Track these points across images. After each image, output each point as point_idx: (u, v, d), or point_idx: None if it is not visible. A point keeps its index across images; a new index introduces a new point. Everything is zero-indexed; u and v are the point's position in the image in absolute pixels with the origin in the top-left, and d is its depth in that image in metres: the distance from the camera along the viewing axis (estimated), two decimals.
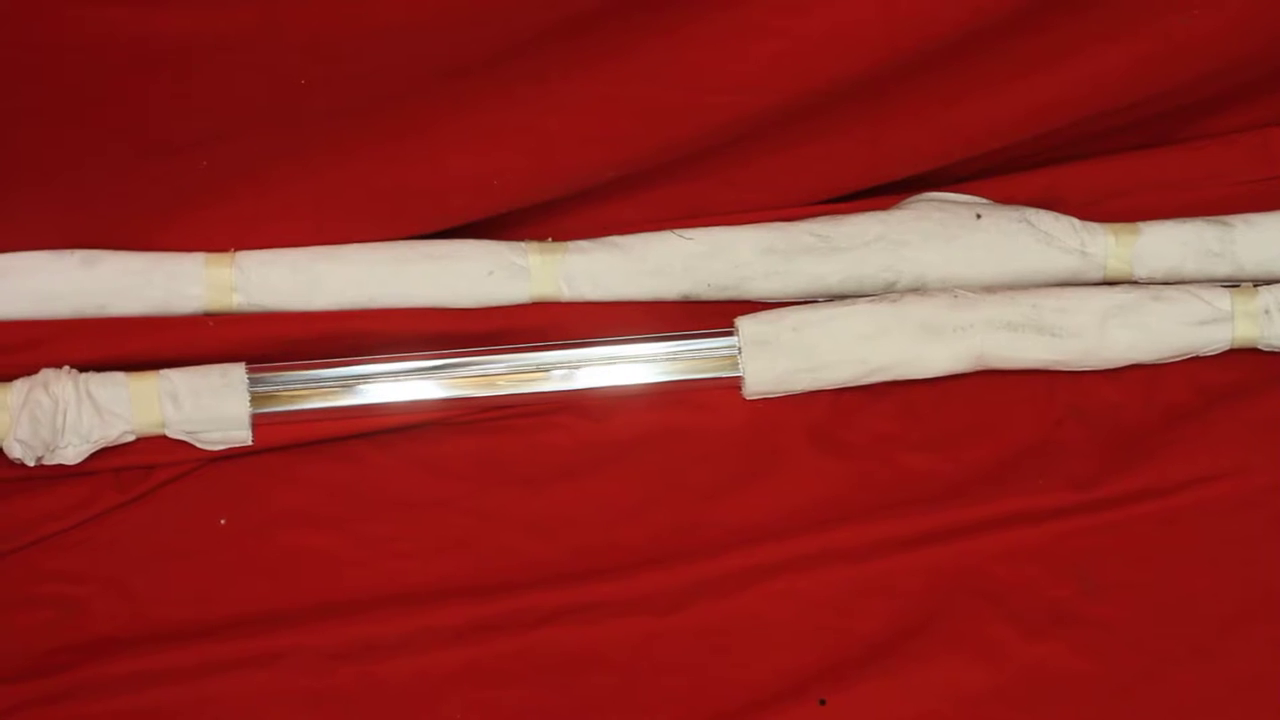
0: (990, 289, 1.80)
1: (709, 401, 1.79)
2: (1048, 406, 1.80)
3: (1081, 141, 1.93)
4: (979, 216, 1.83)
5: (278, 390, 1.73)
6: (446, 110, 1.71)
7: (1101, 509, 1.72)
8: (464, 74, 1.67)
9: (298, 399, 1.74)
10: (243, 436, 1.73)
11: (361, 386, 1.75)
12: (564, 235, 1.83)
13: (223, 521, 1.71)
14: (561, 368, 1.77)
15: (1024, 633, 1.63)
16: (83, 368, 1.71)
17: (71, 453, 1.69)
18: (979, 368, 1.79)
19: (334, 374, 1.75)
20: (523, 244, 1.81)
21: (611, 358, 1.78)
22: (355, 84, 1.65)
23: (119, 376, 1.71)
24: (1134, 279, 1.84)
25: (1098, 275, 1.84)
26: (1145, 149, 1.97)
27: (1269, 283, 1.83)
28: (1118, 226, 1.85)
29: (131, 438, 1.71)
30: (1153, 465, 1.74)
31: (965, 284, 1.81)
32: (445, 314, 1.80)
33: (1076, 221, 1.84)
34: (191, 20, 1.54)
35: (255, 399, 1.72)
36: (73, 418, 1.68)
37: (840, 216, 1.84)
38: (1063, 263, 1.83)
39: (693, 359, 1.78)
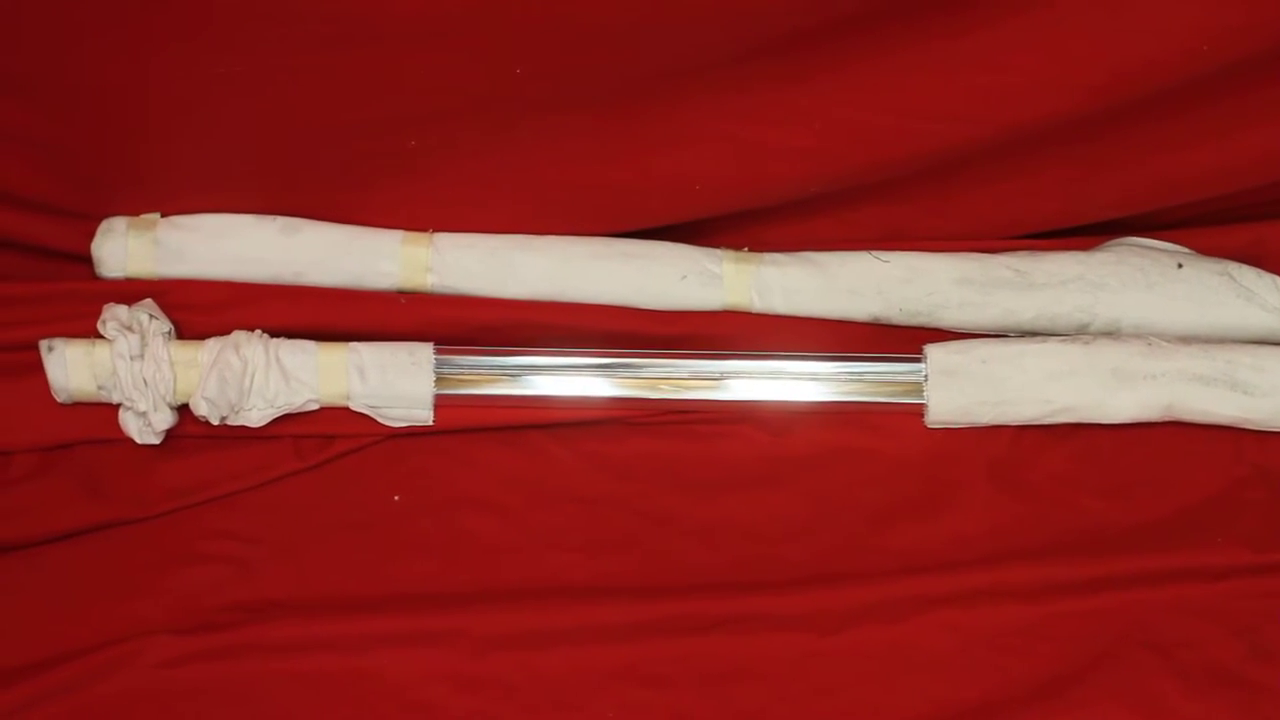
0: (1185, 340, 1.78)
1: (889, 426, 1.79)
2: (1232, 464, 1.77)
3: None
4: (1180, 266, 1.81)
5: (462, 373, 1.74)
6: (655, 111, 1.71)
7: (1277, 572, 1.69)
8: (676, 76, 1.67)
9: (480, 383, 1.75)
10: (424, 416, 1.74)
11: (543, 378, 1.76)
12: (760, 246, 1.83)
13: (397, 498, 1.72)
14: (742, 378, 1.77)
15: (1187, 689, 1.60)
16: (274, 333, 1.74)
17: (255, 415, 1.72)
18: (1166, 418, 1.77)
19: (518, 363, 1.76)
20: (718, 251, 1.82)
21: (794, 374, 1.78)
22: (567, 78, 1.66)
23: (309, 345, 1.73)
24: None
25: None
26: None
27: None
28: None
29: (315, 406, 1.74)
30: None
31: (1160, 332, 1.79)
32: (634, 314, 1.80)
33: (1279, 280, 1.81)
34: (415, 2, 1.56)
35: (440, 380, 1.74)
36: (260, 381, 1.71)
37: (1040, 253, 1.83)
38: (1261, 320, 1.81)
39: (877, 382, 1.78)
